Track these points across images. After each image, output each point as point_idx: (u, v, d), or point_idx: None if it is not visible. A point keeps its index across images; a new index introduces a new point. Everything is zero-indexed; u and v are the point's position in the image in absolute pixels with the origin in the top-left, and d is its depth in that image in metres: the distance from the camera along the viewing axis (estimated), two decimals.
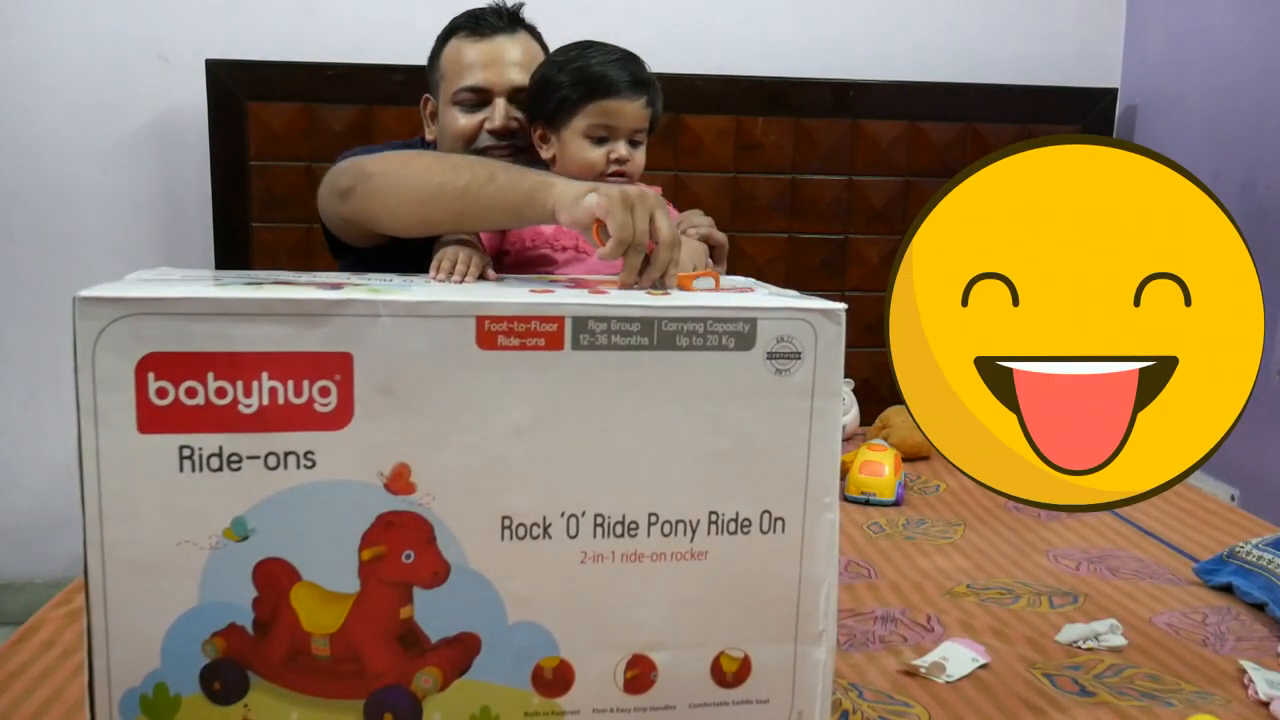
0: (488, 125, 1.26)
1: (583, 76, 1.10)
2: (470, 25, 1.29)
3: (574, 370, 0.72)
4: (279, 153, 1.92)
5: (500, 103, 1.26)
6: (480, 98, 1.26)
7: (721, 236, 1.17)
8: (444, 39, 1.32)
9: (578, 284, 0.85)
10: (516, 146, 1.28)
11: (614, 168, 1.10)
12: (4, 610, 1.94)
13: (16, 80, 1.91)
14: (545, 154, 1.16)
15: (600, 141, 1.11)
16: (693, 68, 1.98)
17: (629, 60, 1.12)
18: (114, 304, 0.67)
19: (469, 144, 1.28)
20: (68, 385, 0.68)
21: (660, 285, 0.86)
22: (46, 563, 2.00)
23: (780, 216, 2.06)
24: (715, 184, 2.04)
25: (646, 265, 0.86)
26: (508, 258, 1.11)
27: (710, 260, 1.13)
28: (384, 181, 1.08)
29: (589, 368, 0.72)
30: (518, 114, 1.27)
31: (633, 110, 1.10)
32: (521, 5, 1.35)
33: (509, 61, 1.26)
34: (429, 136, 1.39)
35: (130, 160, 1.96)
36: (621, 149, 1.10)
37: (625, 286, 0.85)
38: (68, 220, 1.97)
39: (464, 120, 1.27)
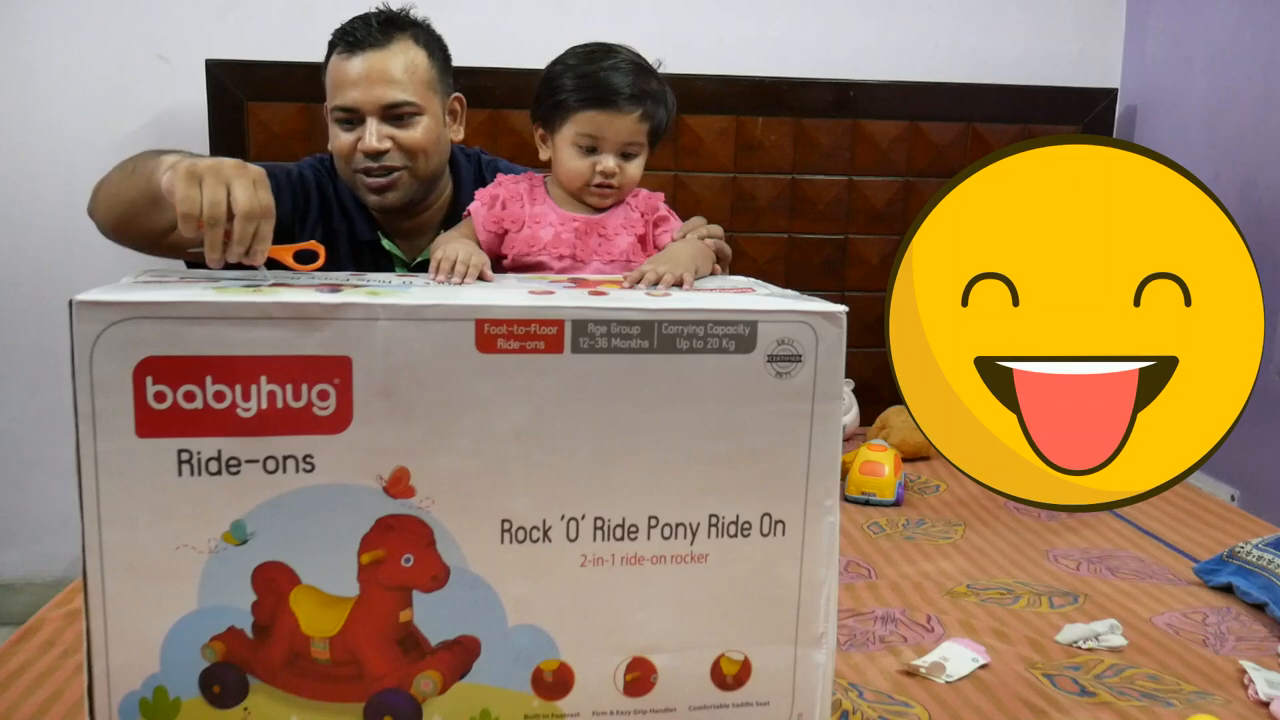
0: (360, 146, 1.22)
1: (578, 84, 1.06)
2: (344, 41, 1.23)
3: (574, 373, 0.72)
4: (279, 153, 1.92)
5: (371, 122, 1.22)
6: (353, 116, 1.23)
7: (727, 249, 1.16)
8: (328, 53, 1.27)
9: (578, 284, 0.85)
10: (392, 166, 1.24)
11: (599, 179, 1.07)
12: (4, 610, 1.94)
13: (17, 80, 1.91)
14: (543, 155, 1.14)
15: (589, 151, 1.07)
16: (693, 68, 1.98)
17: (632, 70, 1.07)
18: (111, 308, 0.67)
19: (349, 162, 1.25)
20: (68, 386, 0.68)
21: (247, 259, 0.78)
22: (46, 563, 1.99)
23: (780, 216, 2.06)
24: (715, 184, 2.04)
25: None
26: (506, 262, 1.10)
27: (717, 266, 1.11)
28: (95, 195, 1.18)
29: (589, 371, 0.72)
30: (392, 131, 1.22)
31: (624, 124, 1.05)
32: (404, 11, 1.28)
33: (378, 79, 1.20)
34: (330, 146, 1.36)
35: None
36: (609, 162, 1.06)
37: (212, 264, 0.78)
38: (68, 220, 1.96)
39: (342, 138, 1.24)
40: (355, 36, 1.22)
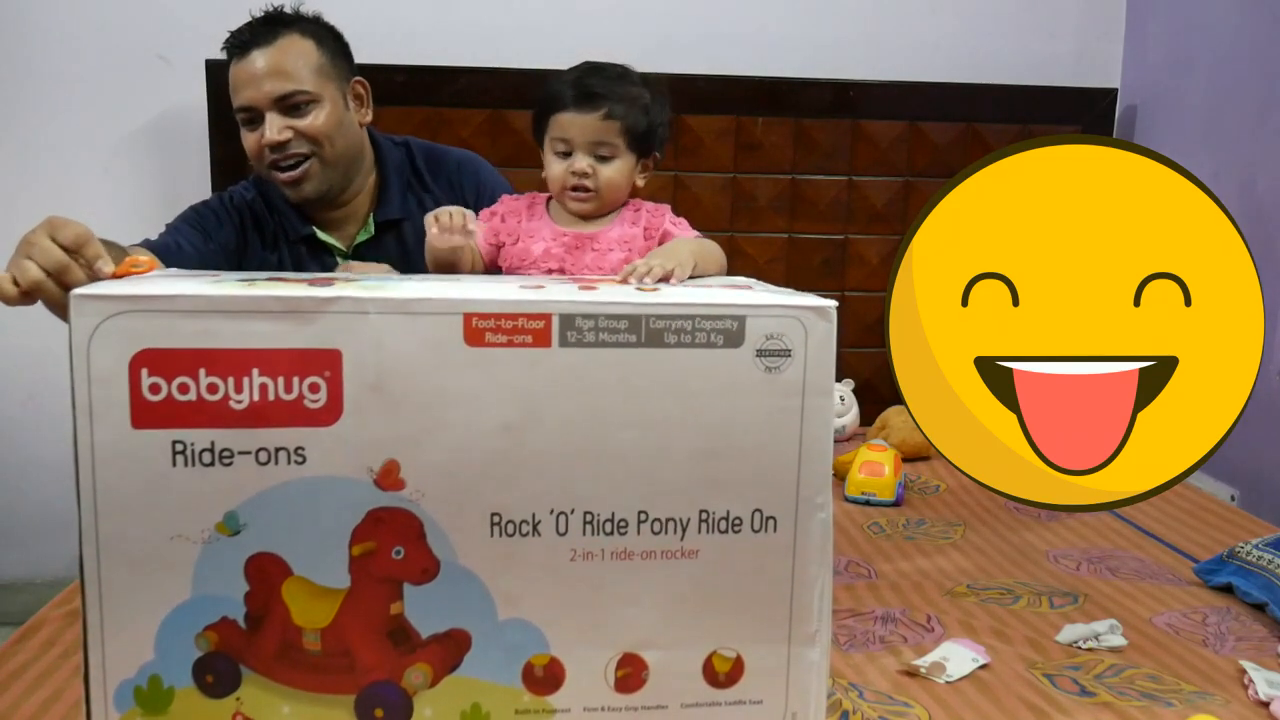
0: (263, 141, 1.25)
1: (554, 90, 1.10)
2: (233, 46, 1.27)
3: (562, 367, 0.72)
4: None
5: (270, 117, 1.25)
6: (253, 115, 1.26)
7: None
8: (227, 62, 1.31)
9: (572, 280, 0.85)
10: (301, 154, 1.26)
11: (573, 180, 1.09)
12: (4, 610, 1.94)
13: (17, 80, 1.92)
14: (545, 171, 1.17)
15: (564, 155, 1.10)
16: (693, 68, 1.98)
17: (606, 75, 1.11)
18: (107, 301, 0.68)
19: (260, 161, 1.28)
20: (67, 386, 0.69)
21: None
22: (46, 563, 2.00)
23: (780, 216, 2.06)
24: (715, 184, 2.04)
25: None
26: (504, 274, 1.12)
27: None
28: None
29: (577, 365, 0.72)
30: (291, 121, 1.25)
31: (585, 123, 1.08)
32: (285, 7, 1.31)
33: (268, 74, 1.24)
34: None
35: (130, 160, 1.97)
36: (579, 163, 1.09)
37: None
38: None
39: (249, 139, 1.28)
40: (242, 39, 1.26)
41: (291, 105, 1.25)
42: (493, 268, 1.13)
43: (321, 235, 1.36)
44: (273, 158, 1.26)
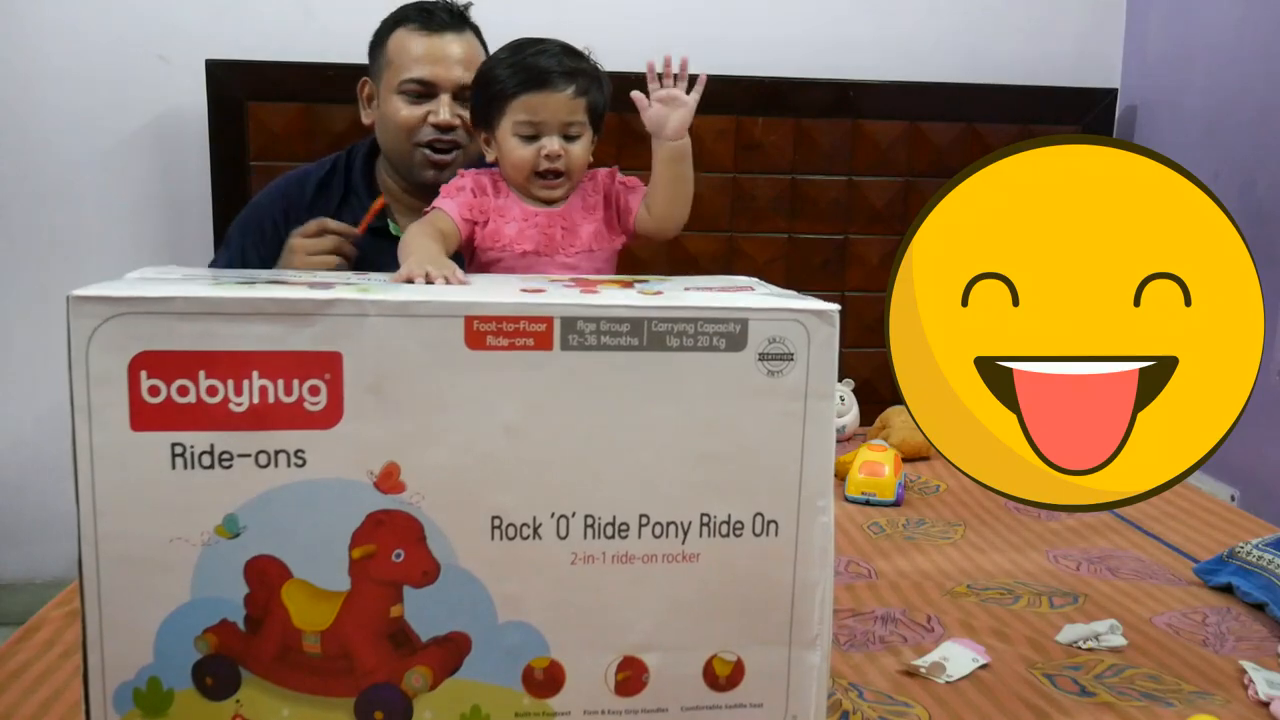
0: (432, 119, 1.28)
1: (510, 73, 1.06)
2: (420, 18, 1.30)
3: (563, 370, 0.72)
4: (279, 153, 1.92)
5: (445, 98, 1.28)
6: (425, 90, 1.29)
7: None
8: (391, 26, 1.33)
9: (573, 283, 0.85)
10: (457, 143, 1.30)
11: (544, 164, 1.05)
12: (4, 610, 1.94)
13: (17, 80, 1.91)
14: (489, 157, 1.13)
15: (531, 139, 1.06)
16: (693, 68, 1.97)
17: (561, 52, 1.08)
18: (106, 303, 0.68)
19: (411, 135, 1.30)
20: (66, 386, 0.68)
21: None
22: (46, 563, 2.00)
23: (780, 216, 2.06)
24: (715, 184, 2.04)
25: None
26: (476, 256, 1.10)
27: None
28: None
29: (578, 368, 0.72)
30: (462, 110, 1.28)
31: (559, 102, 1.05)
32: (470, 5, 1.36)
33: (455, 59, 1.28)
34: (365, 120, 1.42)
35: (130, 160, 1.96)
36: (553, 144, 1.05)
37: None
38: (68, 220, 1.97)
39: (407, 111, 1.29)
40: (438, 17, 1.30)
41: (464, 98, 1.28)
42: (468, 245, 1.10)
43: (393, 228, 1.37)
44: (433, 137, 1.29)
